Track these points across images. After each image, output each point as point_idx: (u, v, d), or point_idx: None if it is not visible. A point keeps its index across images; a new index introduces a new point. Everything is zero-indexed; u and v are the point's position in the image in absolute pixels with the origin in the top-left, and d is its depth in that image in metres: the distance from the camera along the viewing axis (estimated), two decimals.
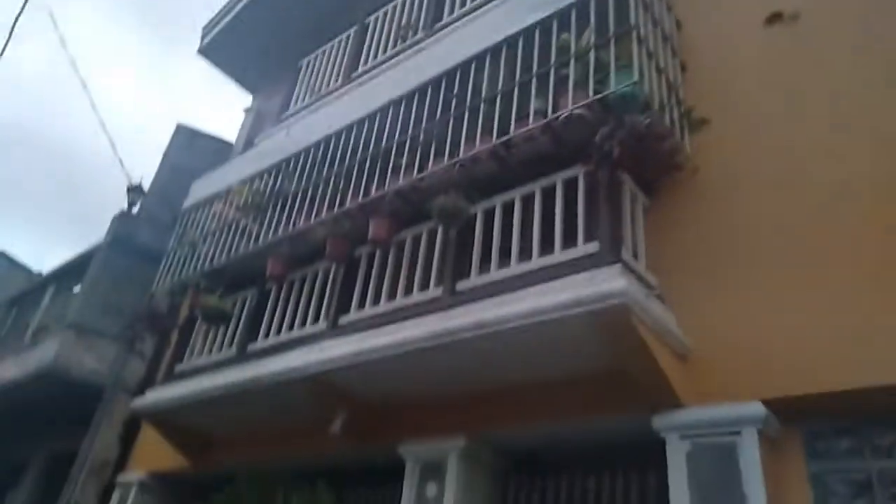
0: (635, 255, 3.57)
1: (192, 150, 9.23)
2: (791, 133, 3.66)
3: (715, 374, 3.30)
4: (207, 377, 5.30)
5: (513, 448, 4.18)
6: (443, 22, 6.09)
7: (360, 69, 6.79)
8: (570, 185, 3.85)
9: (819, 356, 3.01)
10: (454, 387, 4.16)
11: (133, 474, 6.53)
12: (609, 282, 3.11)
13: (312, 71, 7.65)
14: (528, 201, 4.02)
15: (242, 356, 5.23)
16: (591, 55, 3.74)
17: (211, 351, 5.69)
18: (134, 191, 8.65)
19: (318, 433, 4.57)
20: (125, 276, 8.03)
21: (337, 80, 7.17)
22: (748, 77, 4.03)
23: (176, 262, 6.39)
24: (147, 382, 7.03)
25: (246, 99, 9.69)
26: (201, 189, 6.86)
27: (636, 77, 3.46)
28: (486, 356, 3.76)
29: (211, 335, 5.81)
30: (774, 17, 4.05)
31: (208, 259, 5.93)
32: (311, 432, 4.70)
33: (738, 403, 3.10)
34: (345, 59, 7.17)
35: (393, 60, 6.24)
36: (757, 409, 3.03)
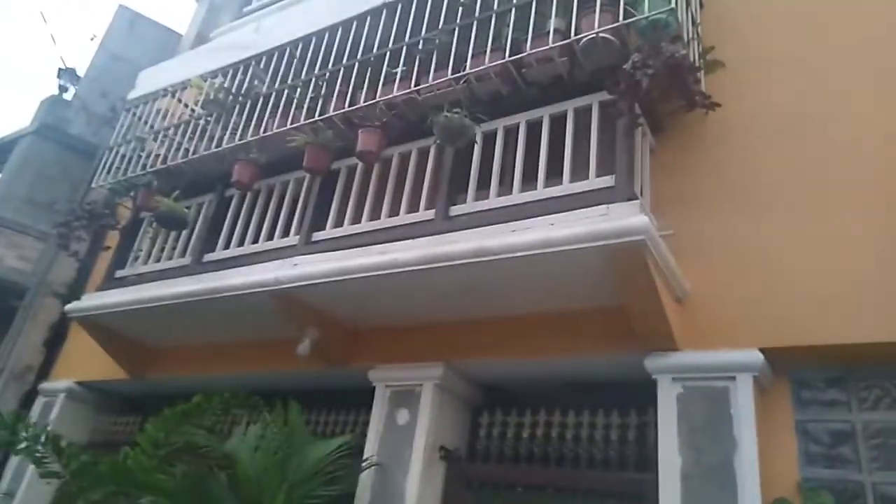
0: (641, 193, 3.47)
1: (133, 36, 8.33)
2: (807, 80, 3.59)
3: (709, 319, 3.28)
4: (156, 285, 4.91)
5: (489, 381, 4.13)
6: None
7: None
8: (582, 115, 3.67)
9: (816, 308, 3.03)
10: (434, 314, 4.02)
11: (60, 382, 6.11)
12: (627, 217, 2.99)
13: None
14: (533, 127, 3.81)
15: (198, 266, 4.87)
16: None
17: (160, 258, 5.26)
18: (66, 74, 7.75)
19: (283, 352, 4.35)
20: (53, 168, 7.28)
21: None
22: (765, 22, 3.91)
23: (118, 158, 5.81)
24: (78, 286, 6.53)
25: None
26: (150, 80, 6.20)
27: (673, 4, 3.25)
28: (479, 285, 3.61)
29: (160, 241, 5.37)
30: None
31: (160, 158, 5.41)
32: (275, 351, 4.47)
33: (735, 350, 3.11)
34: None
35: None
36: (754, 356, 3.05)
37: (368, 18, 4.63)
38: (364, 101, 4.24)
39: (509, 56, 3.72)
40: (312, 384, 4.57)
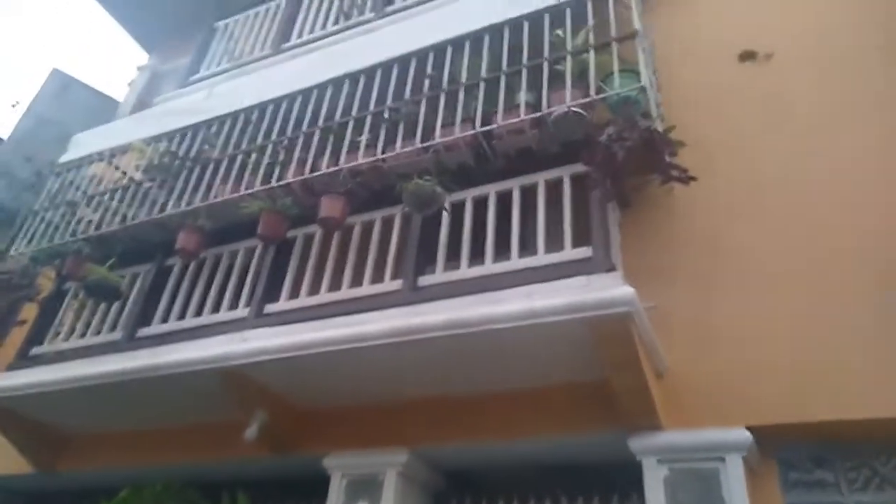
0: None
1: (64, 99, 7.95)
2: (768, 156, 3.71)
3: (691, 395, 3.19)
4: (80, 363, 4.39)
5: (456, 465, 3.83)
6: (395, 6, 5.72)
7: (294, 41, 6.20)
8: (552, 187, 3.65)
9: (800, 385, 2.99)
10: (398, 393, 3.74)
11: None
12: (611, 288, 2.90)
13: (230, 36, 6.92)
14: (504, 198, 3.75)
15: (131, 341, 4.41)
16: (591, 54, 3.57)
17: (85, 333, 4.76)
18: None
19: (225, 438, 3.94)
20: None
21: (263, 49, 6.51)
22: (718, 105, 4.07)
23: (43, 224, 5.34)
24: None
25: (139, 57, 8.60)
26: (85, 144, 5.85)
27: (644, 82, 3.33)
28: (450, 360, 3.40)
29: (86, 314, 4.88)
30: (748, 55, 4.16)
31: (93, 224, 5.00)
32: (216, 437, 4.04)
33: (722, 428, 3.00)
34: (273, 29, 6.53)
35: (336, 37, 5.74)
36: (742, 435, 2.94)
37: (330, 87, 4.56)
38: (326, 168, 4.08)
39: (479, 127, 3.69)
40: (258, 473, 4.13)
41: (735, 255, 3.46)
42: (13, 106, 7.52)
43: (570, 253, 3.30)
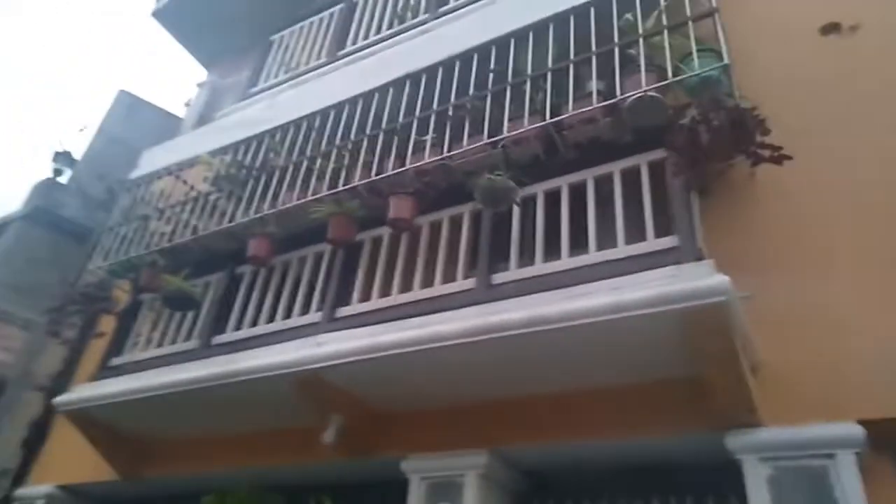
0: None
1: (132, 120, 8.24)
2: (845, 140, 3.47)
3: (791, 390, 2.97)
4: (159, 372, 4.49)
5: (536, 466, 3.71)
6: (449, 6, 5.67)
7: (349, 47, 6.24)
8: (627, 176, 3.51)
9: None
10: (476, 393, 3.66)
11: (39, 487, 5.47)
12: (704, 278, 2.74)
13: (287, 48, 7.02)
14: (576, 191, 3.63)
15: (207, 349, 4.48)
16: (665, 36, 3.42)
17: (162, 343, 4.86)
18: (61, 157, 7.54)
19: (301, 443, 3.94)
20: (43, 252, 6.92)
21: (319, 58, 6.59)
22: (799, 83, 3.84)
23: (118, 239, 5.50)
24: (65, 378, 6.01)
25: (197, 74, 8.84)
26: (154, 159, 6.02)
27: (726, 60, 3.16)
28: (530, 358, 3.29)
29: (162, 325, 4.99)
30: (831, 27, 3.91)
31: (165, 237, 5.12)
32: (293, 442, 4.05)
33: (829, 423, 2.79)
34: (328, 37, 6.61)
35: (392, 40, 5.74)
36: (854, 429, 2.73)
37: (391, 89, 4.54)
38: (392, 170, 4.05)
39: (549, 119, 3.58)
40: (337, 477, 4.10)
41: (823, 241, 3.22)
42: (81, 130, 7.85)
43: (653, 243, 3.16)
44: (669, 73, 3.27)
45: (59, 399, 4.90)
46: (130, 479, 4.94)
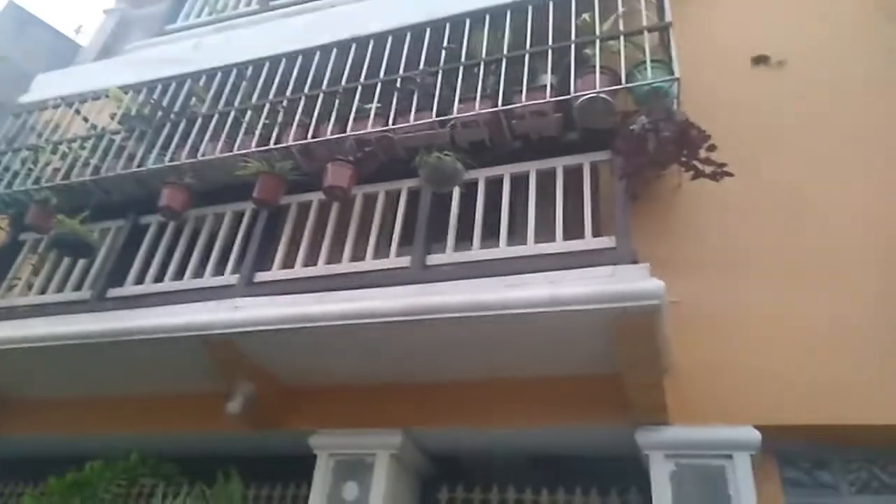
0: None
1: (21, 36, 7.32)
2: (787, 155, 3.72)
3: (698, 392, 3.18)
4: (41, 322, 4.04)
5: (448, 451, 3.73)
6: None
7: None
8: (570, 173, 3.57)
9: (808, 387, 3.02)
10: (393, 373, 3.61)
11: None
12: (640, 280, 2.85)
13: None
14: (518, 181, 3.65)
15: (99, 301, 4.09)
16: (622, 41, 3.50)
17: (45, 290, 4.38)
18: None
19: (204, 410, 3.71)
20: None
21: (249, 4, 6.20)
22: (732, 105, 4.06)
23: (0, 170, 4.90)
24: None
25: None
26: (51, 86, 5.39)
27: (677, 74, 3.29)
28: (459, 343, 3.28)
29: (46, 270, 4.49)
30: (761, 59, 4.19)
31: (58, 174, 4.60)
32: (195, 408, 3.81)
33: (730, 426, 3.01)
34: None
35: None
36: (751, 433, 2.96)
37: (334, 50, 4.34)
38: (331, 134, 3.88)
39: (501, 105, 3.57)
40: (232, 449, 3.89)
41: (747, 256, 3.46)
42: None
43: (590, 241, 3.23)
44: (623, 78, 3.35)
45: None
46: None
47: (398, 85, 3.93)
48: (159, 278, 4.09)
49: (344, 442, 3.58)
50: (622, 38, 3.53)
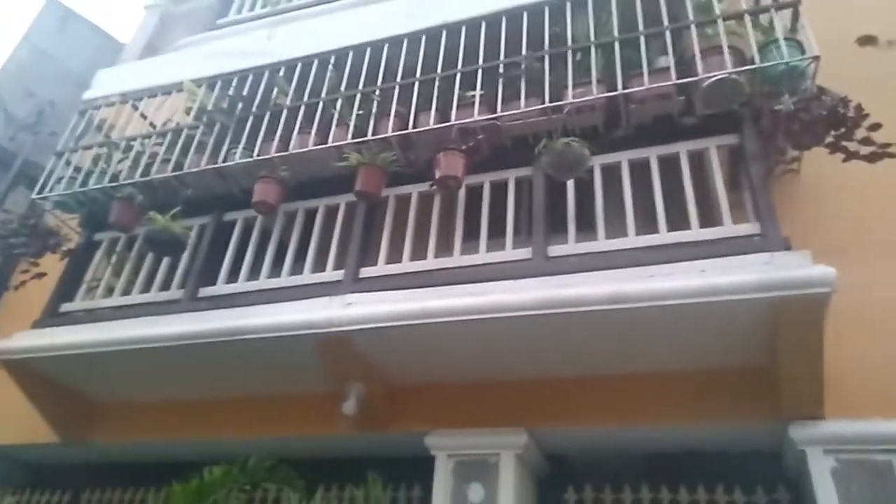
0: None
1: (63, 34, 7.17)
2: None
3: (854, 384, 3.01)
4: (129, 324, 3.90)
5: (569, 451, 3.59)
6: None
7: None
8: (695, 158, 3.43)
9: None
10: (517, 370, 3.47)
11: None
12: (807, 267, 2.70)
13: None
14: (638, 168, 3.50)
15: (192, 301, 3.94)
16: (747, 20, 3.35)
17: (128, 291, 4.24)
18: None
19: (312, 412, 3.58)
20: None
21: None
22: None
23: (68, 168, 4.73)
24: None
25: None
26: (116, 80, 5.24)
27: (816, 51, 3.13)
28: (589, 337, 3.14)
29: (128, 269, 4.35)
30: (867, 40, 4.03)
31: (137, 171, 4.44)
32: (299, 410, 3.66)
33: (891, 420, 2.86)
34: None
35: None
36: None
37: (423, 38, 4.18)
38: (434, 124, 3.72)
39: (620, 89, 3.42)
40: (340, 452, 3.76)
41: (880, 241, 3.31)
42: None
43: (730, 229, 3.08)
44: (756, 58, 3.19)
45: None
46: (73, 442, 4.31)
47: (501, 71, 3.77)
48: (253, 276, 3.95)
49: (464, 442, 3.43)
50: (747, 16, 3.37)
